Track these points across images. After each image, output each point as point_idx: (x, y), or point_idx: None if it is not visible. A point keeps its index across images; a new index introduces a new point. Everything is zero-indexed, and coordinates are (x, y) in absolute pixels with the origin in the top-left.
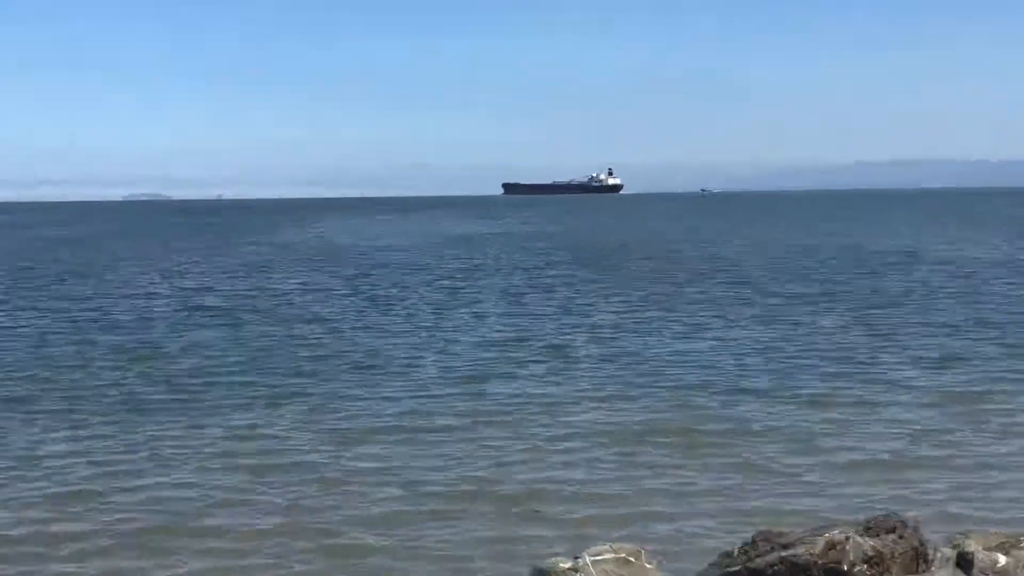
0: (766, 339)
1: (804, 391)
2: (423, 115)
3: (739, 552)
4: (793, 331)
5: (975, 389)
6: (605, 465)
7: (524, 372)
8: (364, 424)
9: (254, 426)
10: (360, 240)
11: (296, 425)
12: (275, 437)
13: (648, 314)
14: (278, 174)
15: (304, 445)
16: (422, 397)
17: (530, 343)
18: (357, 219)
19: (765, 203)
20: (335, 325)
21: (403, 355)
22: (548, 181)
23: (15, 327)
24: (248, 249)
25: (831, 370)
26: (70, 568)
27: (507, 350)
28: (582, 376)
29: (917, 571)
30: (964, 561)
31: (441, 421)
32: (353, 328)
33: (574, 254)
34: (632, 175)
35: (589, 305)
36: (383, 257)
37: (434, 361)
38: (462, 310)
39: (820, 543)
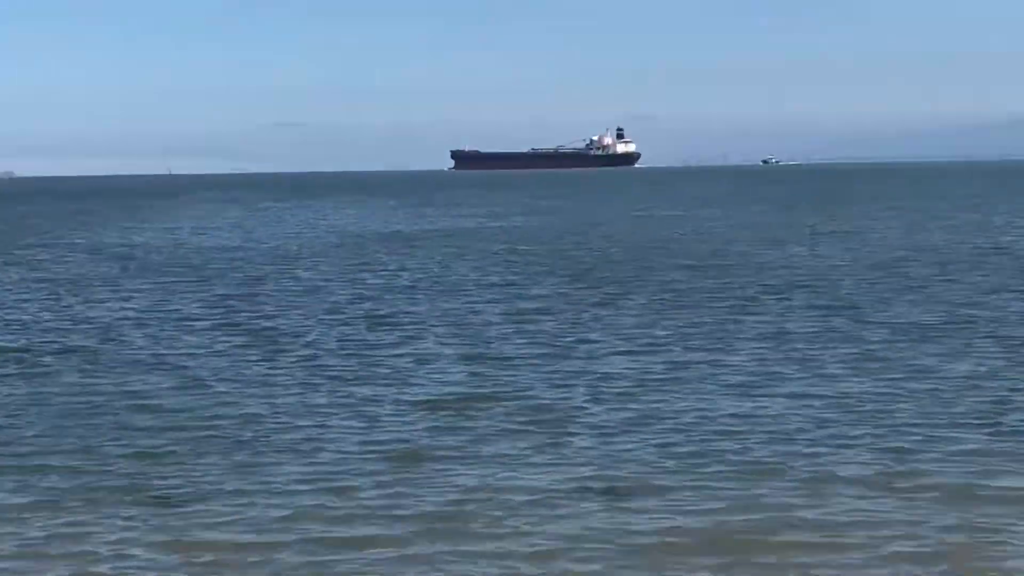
0: (869, 396)
1: (934, 478)
2: (322, 50)
3: None
4: (912, 383)
5: None
6: None
7: (489, 451)
8: (237, 536)
9: (65, 538)
10: (232, 241)
11: (131, 536)
12: (96, 557)
13: (685, 357)
14: (101, 140)
15: (144, 569)
16: (327, 491)
17: (500, 404)
18: (228, 208)
19: (864, 180)
20: (193, 375)
21: (299, 423)
22: (523, 148)
23: None
24: (54, 255)
25: (972, 445)
26: None
27: (463, 415)
28: (585, 456)
29: None
30: None
31: (360, 530)
32: (221, 380)
33: (567, 263)
34: (657, 138)
35: (593, 343)
36: (267, 268)
37: (348, 433)
38: (391, 352)
39: None
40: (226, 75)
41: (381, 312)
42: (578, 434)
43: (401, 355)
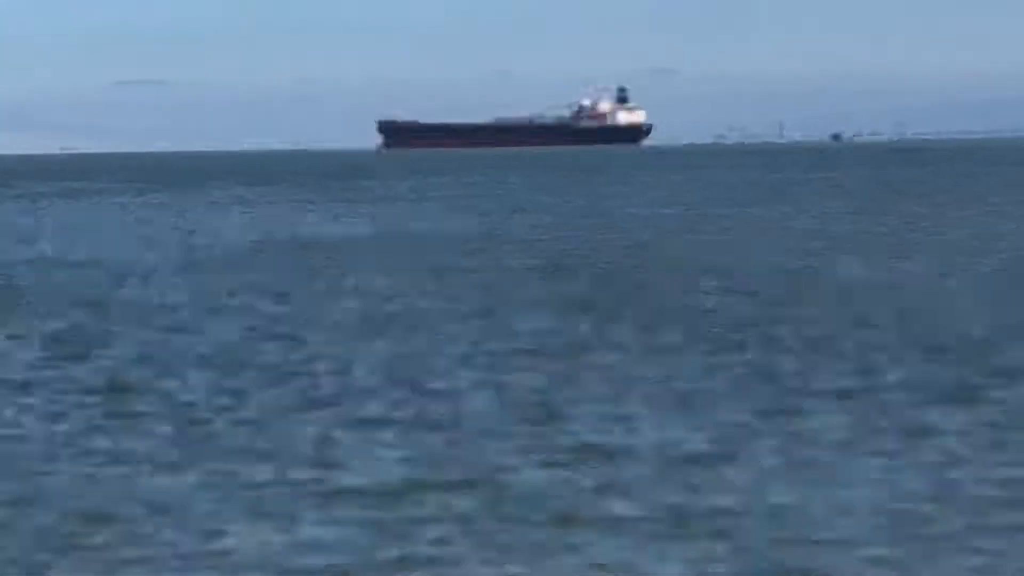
0: (1014, 486)
1: None
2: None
3: None
4: None
5: None
6: None
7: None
8: None
9: None
10: (59, 251)
11: None
12: None
13: (737, 421)
14: None
15: None
16: None
17: (466, 494)
18: (53, 205)
19: (980, 162)
20: None
21: (168, 520)
22: (481, 119)
23: None
24: None
25: None
26: None
27: (413, 511)
28: (595, 572)
29: None
30: None
31: None
32: (47, 459)
33: (561, 285)
34: (678, 103)
35: (603, 404)
36: (113, 292)
37: (238, 540)
38: (302, 416)
39: None
40: (45, 14)
41: (285, 357)
42: (582, 533)
43: (317, 421)
